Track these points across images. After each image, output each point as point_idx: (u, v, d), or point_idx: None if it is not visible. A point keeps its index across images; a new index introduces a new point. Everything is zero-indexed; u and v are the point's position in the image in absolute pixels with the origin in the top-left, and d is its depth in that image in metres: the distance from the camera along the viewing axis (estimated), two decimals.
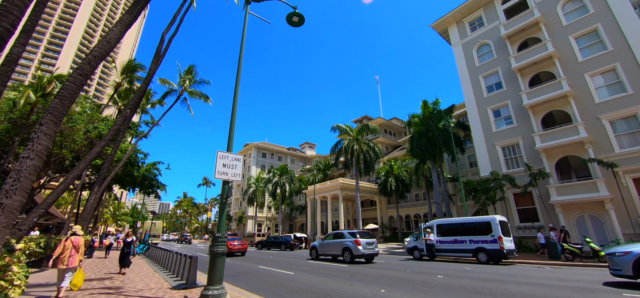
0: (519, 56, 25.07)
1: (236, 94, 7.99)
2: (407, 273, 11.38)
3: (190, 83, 30.03)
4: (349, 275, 11.11)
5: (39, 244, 11.29)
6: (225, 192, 7.21)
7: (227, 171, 7.39)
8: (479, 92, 27.89)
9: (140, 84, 19.61)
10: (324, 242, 19.00)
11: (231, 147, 7.61)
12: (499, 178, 23.10)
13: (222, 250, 6.67)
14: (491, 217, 15.69)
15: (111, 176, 20.77)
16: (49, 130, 4.93)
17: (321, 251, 18.82)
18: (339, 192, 43.07)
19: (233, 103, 7.90)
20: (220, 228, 6.95)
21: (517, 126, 24.69)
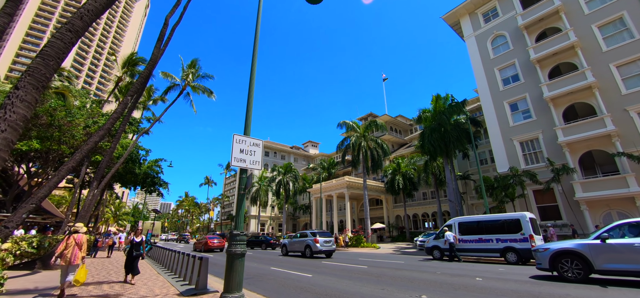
0: (538, 46, 23.92)
1: (253, 68, 6.91)
2: (438, 275, 10.27)
3: (193, 77, 29.01)
4: (375, 277, 10.01)
5: (31, 244, 10.22)
6: (243, 182, 6.13)
7: (244, 158, 6.31)
8: (494, 85, 26.74)
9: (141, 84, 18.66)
10: (292, 241, 21.73)
11: (249, 130, 6.53)
12: (518, 174, 21.98)
13: (241, 250, 5.59)
14: (520, 214, 14.56)
15: (111, 172, 19.74)
16: (27, 96, 3.86)
17: (289, 248, 21.64)
18: (345, 190, 41.95)
19: (250, 80, 6.82)
20: (238, 224, 5.86)
21: (537, 120, 23.54)
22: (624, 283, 8.55)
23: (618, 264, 8.17)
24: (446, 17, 31.92)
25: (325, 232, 20.77)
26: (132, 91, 11.41)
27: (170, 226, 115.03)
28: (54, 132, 23.27)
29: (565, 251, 9.12)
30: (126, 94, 11.11)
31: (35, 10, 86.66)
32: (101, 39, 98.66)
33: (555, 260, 9.28)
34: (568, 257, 9.05)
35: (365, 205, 35.48)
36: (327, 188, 43.88)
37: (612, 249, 8.34)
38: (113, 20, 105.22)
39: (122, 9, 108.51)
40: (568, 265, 9.00)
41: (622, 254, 8.15)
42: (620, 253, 8.18)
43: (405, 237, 40.74)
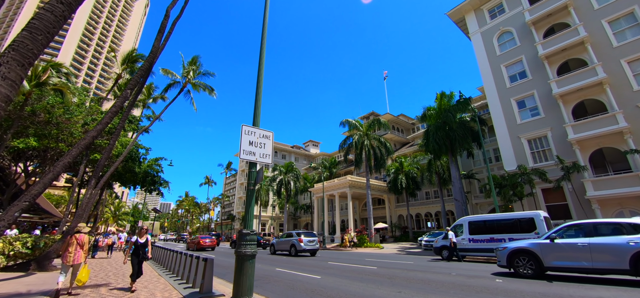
0: (547, 42, 23.43)
1: (262, 52, 6.41)
2: (454, 277, 9.77)
3: (194, 74, 28.51)
4: (387, 279, 9.51)
5: (25, 244, 9.71)
6: (253, 176, 5.62)
7: (254, 150, 5.81)
8: (501, 82, 26.25)
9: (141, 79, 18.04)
10: (279, 240, 23.47)
11: (258, 121, 6.02)
12: (527, 172, 21.48)
13: (252, 251, 5.09)
14: (534, 213, 14.06)
15: (110, 171, 19.22)
16: (10, 73, 3.35)
17: (277, 247, 23.15)
18: (348, 189, 41.45)
19: (259, 66, 6.32)
20: (248, 222, 5.36)
21: (545, 117, 23.04)
22: (570, 278, 9.37)
23: (563, 261, 9.10)
24: (451, 14, 31.41)
25: (309, 233, 22.21)
26: (132, 84, 10.90)
27: (170, 226, 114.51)
28: (52, 129, 22.75)
29: (520, 250, 9.98)
30: (125, 88, 10.59)
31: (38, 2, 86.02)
32: (101, 38, 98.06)
33: (512, 258, 10.09)
34: (522, 255, 9.91)
35: (368, 205, 35.00)
36: (329, 187, 43.39)
37: (559, 248, 9.24)
38: (113, 18, 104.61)
39: (121, 7, 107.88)
40: (522, 262, 9.87)
41: (566, 252, 9.05)
42: (565, 252, 9.08)
43: (408, 237, 40.23)
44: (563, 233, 9.49)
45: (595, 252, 8.51)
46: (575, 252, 8.84)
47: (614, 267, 8.20)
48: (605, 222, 9.12)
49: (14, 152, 23.94)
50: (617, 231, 8.63)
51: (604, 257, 8.39)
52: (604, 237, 8.70)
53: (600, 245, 8.54)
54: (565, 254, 9.07)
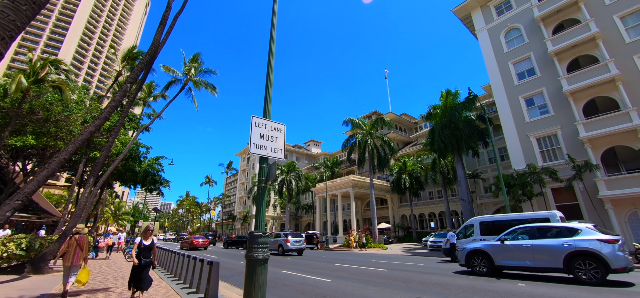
0: (557, 39, 22.88)
1: (273, 35, 5.90)
2: (473, 280, 9.25)
3: (195, 72, 28.01)
4: (402, 283, 9.00)
5: (19, 245, 9.20)
6: (264, 172, 5.11)
7: (265, 144, 5.30)
8: (509, 79, 25.71)
9: (142, 73, 17.36)
10: (269, 240, 25.16)
11: (269, 112, 5.52)
12: (537, 171, 20.95)
13: (264, 255, 4.59)
14: (551, 213, 13.55)
15: (110, 170, 18.73)
16: None
17: None
18: (350, 189, 40.93)
19: (269, 51, 5.82)
20: (260, 223, 4.86)
21: (555, 115, 22.51)
22: (518, 276, 10.34)
23: (511, 261, 10.15)
24: (456, 11, 30.88)
25: (296, 233, 23.58)
26: (132, 77, 10.40)
27: (170, 226, 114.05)
28: (51, 127, 22.27)
29: (476, 250, 11.07)
30: (126, 81, 10.09)
31: None
32: (101, 37, 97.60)
33: (469, 258, 11.17)
34: (478, 255, 10.95)
35: (372, 205, 34.46)
36: (332, 187, 42.87)
37: (507, 249, 10.27)
38: (113, 18, 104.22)
39: (122, 7, 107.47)
40: (477, 261, 10.93)
41: (513, 253, 10.10)
42: (513, 252, 10.11)
43: (411, 237, 39.72)
44: (510, 236, 10.53)
45: (536, 252, 9.54)
46: (520, 252, 9.90)
47: (551, 265, 9.24)
48: (547, 226, 10.12)
49: (12, 151, 23.46)
50: (557, 234, 9.57)
51: (543, 257, 9.40)
52: (545, 239, 9.66)
53: (540, 246, 9.54)
54: (512, 254, 10.12)
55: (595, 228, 9.18)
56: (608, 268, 8.17)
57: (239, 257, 20.77)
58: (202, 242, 31.78)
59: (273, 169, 5.10)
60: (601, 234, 8.87)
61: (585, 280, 8.41)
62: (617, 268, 8.16)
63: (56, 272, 10.30)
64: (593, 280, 8.32)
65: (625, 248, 8.93)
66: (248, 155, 75.76)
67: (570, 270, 8.80)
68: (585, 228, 9.24)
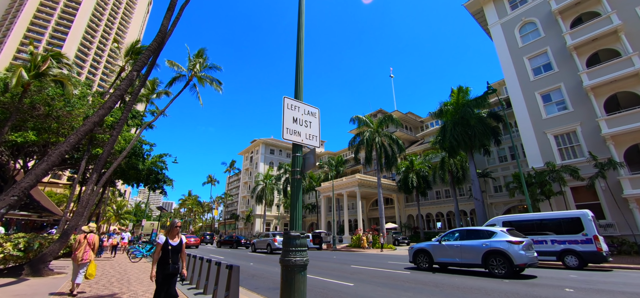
0: (576, 32, 22.05)
1: (302, 4, 5.14)
2: (510, 285, 8.45)
3: (200, 67, 27.32)
4: (433, 287, 8.22)
5: (17, 246, 8.47)
6: (299, 162, 4.36)
7: (298, 129, 4.55)
8: (524, 75, 24.88)
9: (145, 70, 16.47)
10: (259, 240, 26.82)
11: (301, 93, 4.76)
12: (557, 169, 20.12)
13: (303, 260, 3.83)
14: (581, 212, 12.76)
15: (113, 166, 18.00)
16: None
17: (257, 246, 26.52)
18: (357, 188, 40.17)
19: (299, 16, 5.06)
20: (296, 222, 4.09)
21: (574, 111, 21.68)
22: (451, 271, 11.88)
23: (445, 258, 11.80)
24: (468, 5, 30.06)
25: (282, 233, 25.18)
26: (138, 66, 9.66)
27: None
28: (52, 123, 21.57)
29: (420, 249, 12.78)
30: (132, 69, 9.35)
31: (37, 5, 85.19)
32: (104, 35, 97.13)
33: (415, 255, 12.91)
34: (421, 253, 12.65)
35: (380, 204, 33.66)
36: (338, 186, 42.12)
37: (443, 248, 11.90)
38: (116, 15, 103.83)
39: (125, 4, 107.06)
40: (421, 258, 12.58)
41: (447, 251, 11.73)
42: (447, 251, 11.75)
43: (418, 238, 38.88)
44: (447, 237, 12.12)
45: (463, 251, 11.21)
46: (452, 251, 11.57)
47: (474, 262, 10.84)
48: (473, 229, 11.75)
49: (13, 147, 22.78)
50: (480, 235, 11.09)
51: (468, 255, 11.03)
52: (471, 240, 11.19)
53: (466, 246, 11.17)
54: (446, 253, 11.79)
55: (507, 231, 10.63)
56: (512, 263, 9.74)
57: (240, 257, 20.16)
58: (194, 241, 33.22)
59: (311, 158, 4.33)
60: (511, 236, 10.30)
61: (497, 274, 10.03)
62: (518, 263, 9.76)
63: (57, 275, 9.58)
64: (502, 273, 9.92)
65: (530, 247, 10.48)
66: (251, 154, 75.08)
67: (486, 266, 10.41)
68: (499, 231, 10.74)
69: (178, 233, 5.07)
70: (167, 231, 5.01)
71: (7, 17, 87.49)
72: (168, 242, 4.85)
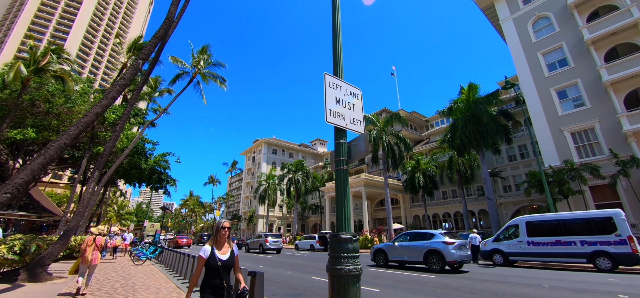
0: (593, 26, 21.32)
1: None
2: (549, 289, 7.70)
3: (204, 64, 26.66)
4: (468, 294, 7.47)
5: (12, 248, 7.75)
6: (343, 150, 3.63)
7: (342, 112, 3.83)
8: (538, 71, 24.14)
9: (147, 67, 15.76)
10: (252, 240, 28.37)
11: (340, 71, 4.03)
12: (576, 168, 19.36)
13: (357, 269, 3.10)
14: (613, 211, 11.99)
15: (116, 165, 17.33)
16: None
17: (250, 246, 27.93)
18: (363, 188, 39.43)
19: None
20: (345, 222, 3.36)
21: (592, 108, 20.93)
22: (402, 268, 13.69)
23: (397, 257, 13.58)
24: (478, 0, 29.32)
25: (276, 234, 27.47)
26: (144, 54, 8.95)
27: (173, 226, 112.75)
28: (52, 120, 20.89)
29: (379, 249, 14.50)
30: (138, 57, 8.63)
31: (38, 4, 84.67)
32: (106, 31, 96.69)
33: (375, 255, 14.54)
34: (379, 253, 14.35)
35: (387, 205, 32.91)
36: None
37: (396, 248, 13.70)
38: (118, 12, 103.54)
39: (127, 2, 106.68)
40: (379, 257, 14.28)
41: (398, 251, 13.55)
42: (398, 251, 13.56)
43: None
44: (402, 238, 13.91)
45: (410, 251, 13.01)
46: (403, 251, 13.37)
47: (418, 260, 12.60)
48: (419, 232, 13.64)
49: (12, 145, 22.11)
50: (423, 237, 12.85)
51: (413, 254, 12.83)
52: (416, 241, 13.00)
53: (413, 246, 13.00)
54: (398, 252, 13.58)
55: (445, 234, 12.14)
56: (444, 260, 11.50)
57: (242, 258, 19.40)
58: (186, 241, 36.82)
59: (362, 145, 3.60)
60: (446, 238, 11.89)
61: (434, 269, 11.79)
62: (449, 260, 11.48)
63: (56, 279, 8.86)
64: (437, 269, 11.69)
65: (463, 247, 12.11)
66: (253, 154, 74.38)
67: (426, 263, 12.09)
68: (437, 234, 12.38)
69: (227, 241, 3.41)
70: (212, 239, 3.34)
71: (7, 17, 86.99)
72: (215, 254, 3.19)
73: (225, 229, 3.38)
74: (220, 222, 3.41)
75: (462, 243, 12.11)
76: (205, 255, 3.18)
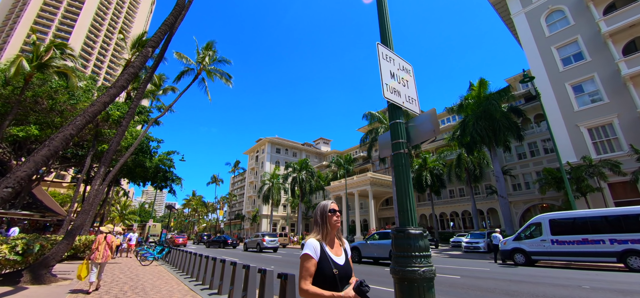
0: (611, 18, 20.68)
1: None
2: (593, 291, 7.11)
3: (209, 60, 26.17)
4: (504, 295, 6.91)
5: (14, 249, 7.24)
6: (400, 132, 3.08)
7: (398, 88, 3.28)
8: (552, 65, 23.49)
9: (151, 63, 15.21)
10: (250, 240, 29.49)
11: (390, 40, 3.47)
12: (595, 164, 18.72)
13: (431, 271, 2.54)
14: None
15: (120, 163, 16.79)
16: None
17: (248, 245, 29.11)
18: (369, 187, 38.92)
19: None
20: (410, 215, 2.80)
21: (610, 102, 20.28)
22: (376, 263, 15.24)
23: (369, 253, 15.45)
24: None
25: (272, 234, 28.44)
26: (154, 41, 8.42)
27: (175, 226, 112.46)
28: (55, 117, 20.44)
29: (353, 246, 16.03)
30: (147, 45, 8.10)
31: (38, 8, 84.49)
32: (109, 29, 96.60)
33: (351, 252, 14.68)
34: (354, 250, 15.81)
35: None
36: (349, 185, 40.87)
37: (368, 246, 15.55)
38: (121, 9, 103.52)
39: (129, 1, 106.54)
40: (354, 254, 15.38)
41: (370, 249, 15.40)
42: (370, 248, 15.41)
43: (433, 238, 37.44)
44: (371, 238, 15.85)
45: (379, 248, 14.85)
46: (373, 248, 15.21)
47: (385, 256, 14.48)
48: (386, 232, 15.71)
49: (15, 144, 21.67)
50: (390, 237, 13.90)
51: (381, 251, 14.69)
52: (384, 240, 14.98)
53: (380, 244, 14.90)
54: (370, 249, 15.42)
55: None
56: None
57: (237, 257, 18.88)
58: (182, 241, 38.02)
59: (428, 123, 3.04)
60: None
61: None
62: None
63: (61, 281, 8.35)
64: None
65: None
66: (257, 154, 73.91)
67: (391, 258, 11.88)
68: None
69: (338, 236, 2.19)
70: (317, 229, 2.11)
71: (10, 17, 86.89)
72: (329, 256, 1.98)
73: (338, 215, 2.13)
74: (326, 205, 2.14)
75: None
76: (315, 255, 1.90)
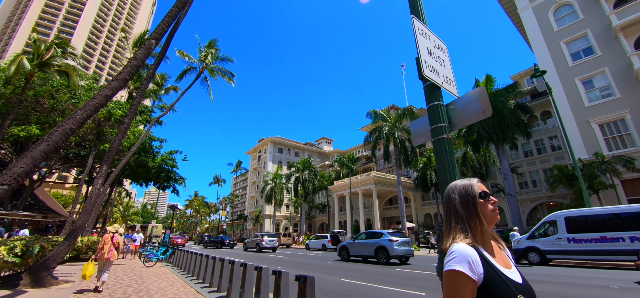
0: (621, 12, 20.22)
1: None
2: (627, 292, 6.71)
3: (212, 59, 25.85)
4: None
5: (12, 250, 6.91)
6: (441, 115, 2.71)
7: (436, 66, 2.92)
8: (561, 60, 23.04)
9: (153, 62, 14.94)
10: (249, 240, 30.21)
11: (422, 13, 3.10)
12: (607, 161, 18.27)
13: None
14: None
15: (123, 162, 16.47)
16: None
17: (248, 245, 29.73)
18: (373, 186, 38.51)
19: None
20: None
21: (622, 97, 19.83)
22: (361, 261, 16.10)
23: (356, 252, 16.25)
24: None
25: (271, 234, 29.09)
26: (158, 33, 8.08)
27: (178, 226, 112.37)
28: (57, 117, 20.18)
29: (343, 246, 17.17)
30: (150, 37, 7.76)
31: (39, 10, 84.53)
32: (111, 29, 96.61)
33: (340, 251, 17.26)
34: (343, 249, 16.97)
35: (401, 203, 31.97)
36: (352, 184, 40.45)
37: (355, 245, 16.45)
38: (123, 9, 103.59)
39: (130, 1, 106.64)
40: (343, 252, 16.93)
41: (357, 247, 16.28)
42: (357, 247, 16.31)
43: (439, 238, 36.98)
44: (359, 237, 16.64)
45: (365, 247, 15.65)
46: (359, 247, 16.04)
47: (370, 254, 15.18)
48: (372, 232, 16.44)
49: (16, 143, 21.42)
50: (375, 236, 15.54)
51: (367, 250, 15.46)
52: (370, 240, 15.59)
53: (367, 243, 15.66)
54: (357, 248, 16.21)
55: (390, 234, 14.89)
56: (389, 255, 14.13)
57: (236, 256, 18.55)
58: (181, 241, 38.68)
59: (475, 105, 2.66)
60: (391, 237, 14.49)
61: (381, 262, 14.43)
62: (392, 255, 14.08)
63: (62, 284, 8.01)
64: (383, 261, 14.38)
65: (406, 244, 14.69)
66: (259, 154, 73.60)
67: (376, 257, 14.70)
68: (385, 233, 15.21)
69: (495, 237, 1.30)
70: (466, 230, 1.19)
71: (12, 19, 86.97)
72: (497, 269, 1.12)
73: (494, 201, 1.26)
74: (471, 185, 1.29)
75: (405, 240, 14.75)
76: (473, 272, 1.07)
